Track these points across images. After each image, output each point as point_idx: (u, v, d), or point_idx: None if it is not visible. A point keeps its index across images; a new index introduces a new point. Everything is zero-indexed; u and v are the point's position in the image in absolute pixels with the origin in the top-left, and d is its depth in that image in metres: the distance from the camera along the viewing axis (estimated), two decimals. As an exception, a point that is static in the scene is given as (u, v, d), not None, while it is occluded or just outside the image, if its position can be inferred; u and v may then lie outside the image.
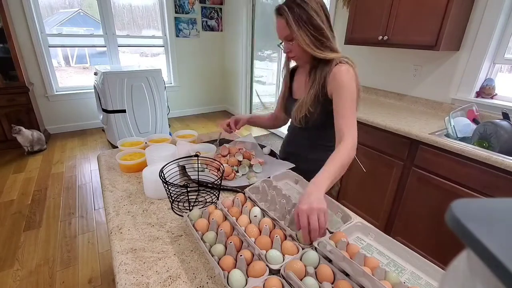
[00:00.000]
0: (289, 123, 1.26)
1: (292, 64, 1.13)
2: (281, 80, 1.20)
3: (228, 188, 0.96)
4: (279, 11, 0.91)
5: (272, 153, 1.23)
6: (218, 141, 1.31)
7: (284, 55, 1.08)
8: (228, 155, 1.14)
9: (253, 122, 1.33)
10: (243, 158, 1.13)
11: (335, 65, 0.93)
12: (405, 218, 1.73)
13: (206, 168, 1.01)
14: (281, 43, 0.99)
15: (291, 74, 1.15)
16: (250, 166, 1.11)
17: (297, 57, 0.99)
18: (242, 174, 1.06)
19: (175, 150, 1.07)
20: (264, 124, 1.34)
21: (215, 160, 0.96)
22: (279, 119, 1.29)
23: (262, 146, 1.26)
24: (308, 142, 1.12)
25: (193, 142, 1.27)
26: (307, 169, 1.00)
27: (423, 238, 1.64)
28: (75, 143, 3.53)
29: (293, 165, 1.07)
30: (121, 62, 4.01)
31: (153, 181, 0.88)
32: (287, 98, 1.15)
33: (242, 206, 0.81)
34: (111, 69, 3.13)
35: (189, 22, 4.25)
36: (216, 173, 0.95)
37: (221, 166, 0.90)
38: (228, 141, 1.33)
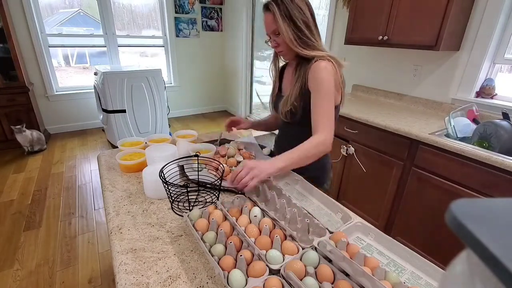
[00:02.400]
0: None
1: (281, 63, 1.18)
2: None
3: (228, 188, 0.96)
4: (267, 6, 0.96)
5: (271, 155, 1.23)
6: (218, 141, 1.31)
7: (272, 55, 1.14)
8: (227, 156, 1.14)
9: (258, 125, 1.35)
10: (243, 158, 1.12)
11: (315, 61, 0.96)
12: (405, 218, 1.73)
13: (205, 167, 1.01)
14: (268, 40, 1.04)
15: (281, 72, 1.19)
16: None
17: (284, 52, 1.03)
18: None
19: (175, 150, 1.07)
20: (270, 125, 1.35)
21: (214, 160, 0.96)
22: (277, 117, 1.31)
23: (262, 147, 1.26)
24: (296, 138, 1.13)
25: (193, 142, 1.27)
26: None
27: (423, 238, 1.64)
28: (75, 143, 3.53)
29: None
30: (121, 62, 4.01)
31: (153, 181, 0.88)
32: (276, 94, 1.19)
33: (242, 206, 0.81)
34: (111, 69, 3.14)
35: (189, 22, 4.25)
36: (215, 173, 0.95)
37: (221, 165, 0.90)
38: (229, 141, 1.33)
